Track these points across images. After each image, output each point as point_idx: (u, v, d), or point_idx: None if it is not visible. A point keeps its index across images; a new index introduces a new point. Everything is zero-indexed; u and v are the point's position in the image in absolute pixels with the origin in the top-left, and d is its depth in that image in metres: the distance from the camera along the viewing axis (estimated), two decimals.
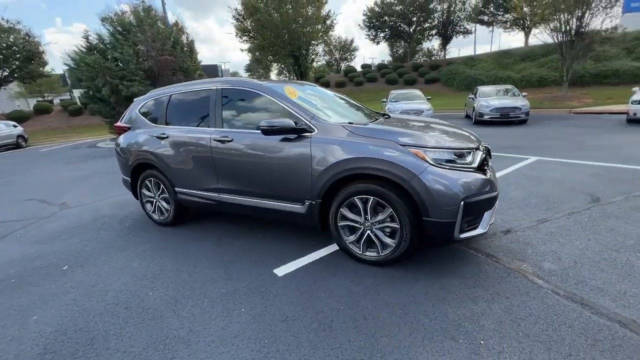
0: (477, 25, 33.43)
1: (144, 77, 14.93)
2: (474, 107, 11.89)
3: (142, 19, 15.25)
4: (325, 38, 22.46)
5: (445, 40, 32.94)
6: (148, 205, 3.85)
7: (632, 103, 9.82)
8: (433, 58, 41.88)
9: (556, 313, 1.89)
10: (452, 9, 30.71)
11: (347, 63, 50.72)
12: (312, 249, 2.90)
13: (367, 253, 2.56)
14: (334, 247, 2.89)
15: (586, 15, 15.89)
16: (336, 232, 2.64)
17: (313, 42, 21.57)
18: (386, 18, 33.43)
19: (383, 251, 2.48)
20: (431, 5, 31.23)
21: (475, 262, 2.52)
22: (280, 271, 2.59)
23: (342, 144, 2.45)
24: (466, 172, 2.29)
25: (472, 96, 13.15)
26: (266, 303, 2.18)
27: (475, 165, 2.36)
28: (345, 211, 2.55)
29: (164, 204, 3.68)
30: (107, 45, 14.19)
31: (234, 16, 28.62)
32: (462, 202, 2.18)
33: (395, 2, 32.48)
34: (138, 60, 14.89)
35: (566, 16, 16.27)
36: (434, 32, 33.30)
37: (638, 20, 21.25)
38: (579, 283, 2.16)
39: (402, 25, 33.53)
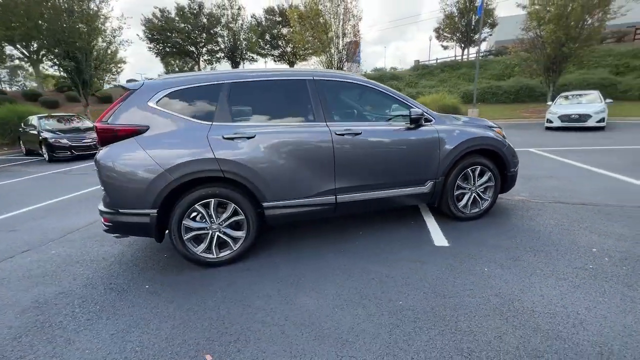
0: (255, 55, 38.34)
1: None
2: None
3: None
4: (108, 40, 17.83)
5: (235, 64, 35.30)
6: (191, 245, 2.57)
7: None
8: None
9: (579, 212, 3.51)
10: (237, 37, 33.38)
11: (112, 76, 42.60)
12: (422, 226, 3.31)
13: (472, 211, 3.36)
14: (432, 220, 3.43)
15: (342, 57, 23.03)
16: (452, 201, 3.25)
17: (91, 44, 16.59)
18: (169, 34, 31.27)
19: (483, 206, 3.39)
20: (216, 29, 32.52)
21: (502, 204, 3.93)
22: (440, 242, 2.90)
23: (460, 129, 3.16)
24: None
25: None
26: (490, 260, 2.55)
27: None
28: (460, 182, 3.24)
29: (232, 232, 2.65)
30: None
31: None
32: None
33: (178, 19, 31.15)
34: None
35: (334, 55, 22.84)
36: (221, 55, 34.74)
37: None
38: (560, 197, 4.01)
39: (188, 44, 32.60)
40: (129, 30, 33.72)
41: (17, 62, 28.78)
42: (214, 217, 2.57)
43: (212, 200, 2.53)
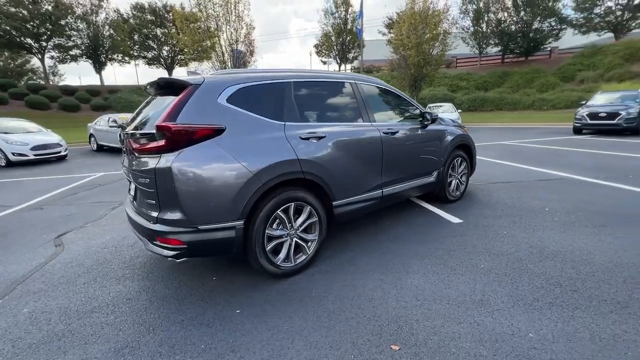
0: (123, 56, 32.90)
1: None
2: None
3: None
4: None
5: (99, 65, 28.98)
6: (272, 255, 2.35)
7: None
8: (38, 80, 35.94)
9: (513, 187, 4.85)
10: (99, 33, 27.63)
11: None
12: (426, 211, 3.91)
13: (456, 194, 4.18)
14: (429, 206, 4.08)
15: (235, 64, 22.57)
16: (447, 187, 3.97)
17: None
18: None
19: (461, 189, 4.25)
20: (68, 20, 26.12)
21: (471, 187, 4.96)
22: (456, 220, 3.53)
23: (450, 128, 3.93)
24: None
25: None
26: (499, 225, 3.31)
27: None
28: (451, 171, 4.00)
29: (306, 235, 2.55)
30: None
31: None
32: None
33: (9, 2, 23.40)
34: None
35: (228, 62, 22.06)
36: (77, 52, 27.99)
37: None
38: (491, 179, 5.31)
39: (22, 35, 24.90)
40: None
41: None
42: (292, 221, 2.43)
43: (292, 204, 2.39)
